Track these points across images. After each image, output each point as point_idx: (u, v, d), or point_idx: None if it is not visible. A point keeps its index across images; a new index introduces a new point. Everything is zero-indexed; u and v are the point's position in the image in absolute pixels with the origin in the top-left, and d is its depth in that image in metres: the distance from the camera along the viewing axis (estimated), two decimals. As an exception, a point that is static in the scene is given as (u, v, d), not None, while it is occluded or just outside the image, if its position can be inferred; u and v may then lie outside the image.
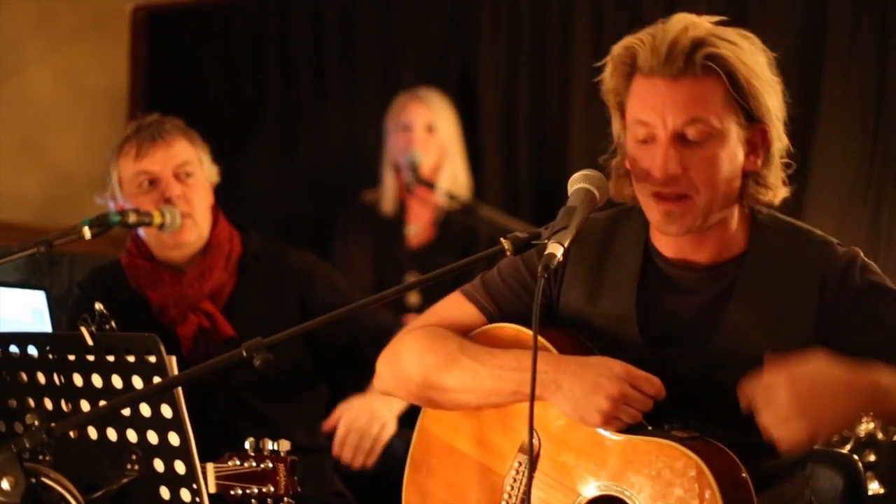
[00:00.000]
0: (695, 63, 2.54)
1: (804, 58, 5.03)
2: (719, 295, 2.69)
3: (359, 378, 4.16)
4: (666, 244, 2.73)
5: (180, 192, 3.64)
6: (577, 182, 2.59)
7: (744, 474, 2.52)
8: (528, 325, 2.69)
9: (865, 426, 4.37)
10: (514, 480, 2.75)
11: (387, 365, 2.90)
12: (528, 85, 5.74)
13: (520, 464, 2.74)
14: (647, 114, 2.59)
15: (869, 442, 4.38)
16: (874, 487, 4.35)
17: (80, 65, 6.27)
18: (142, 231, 3.71)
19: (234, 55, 6.49)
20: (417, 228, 5.40)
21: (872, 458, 4.37)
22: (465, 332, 2.85)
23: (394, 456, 4.06)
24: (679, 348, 2.69)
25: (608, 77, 2.70)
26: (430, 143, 5.33)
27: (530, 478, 2.48)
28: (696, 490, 2.48)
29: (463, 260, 2.58)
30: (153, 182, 3.66)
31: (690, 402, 2.63)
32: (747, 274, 2.68)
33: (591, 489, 2.64)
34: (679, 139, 2.57)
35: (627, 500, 2.58)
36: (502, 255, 2.51)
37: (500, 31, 5.81)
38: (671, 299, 2.73)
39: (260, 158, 6.12)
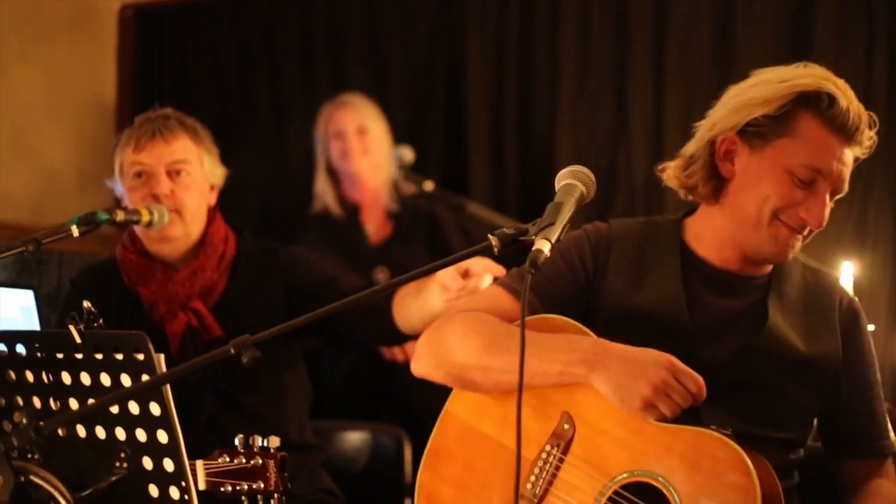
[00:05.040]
0: (858, 137, 2.79)
1: (790, 55, 5.04)
2: (758, 301, 2.88)
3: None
4: (717, 253, 2.93)
5: (168, 190, 3.64)
6: (565, 178, 2.60)
7: (776, 479, 2.61)
8: (568, 314, 2.84)
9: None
10: (545, 463, 2.76)
11: (428, 345, 2.90)
12: (516, 83, 5.74)
13: (551, 447, 2.76)
14: (825, 164, 2.77)
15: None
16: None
17: (67, 63, 6.26)
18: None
19: (222, 54, 6.49)
20: (374, 226, 5.43)
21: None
22: (498, 312, 2.88)
23: (383, 454, 4.07)
24: (724, 341, 2.83)
25: (773, 94, 2.81)
26: (367, 144, 5.38)
27: (518, 461, 2.44)
28: (733, 480, 2.53)
29: (449, 257, 2.59)
30: (145, 175, 3.67)
31: (728, 401, 2.74)
32: (776, 289, 2.91)
33: (623, 475, 2.67)
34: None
35: (660, 486, 2.62)
36: (489, 252, 2.52)
37: (487, 28, 5.82)
38: (714, 298, 2.89)
39: (247, 157, 6.11)
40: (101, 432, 2.80)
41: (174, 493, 2.73)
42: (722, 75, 5.13)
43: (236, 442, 2.94)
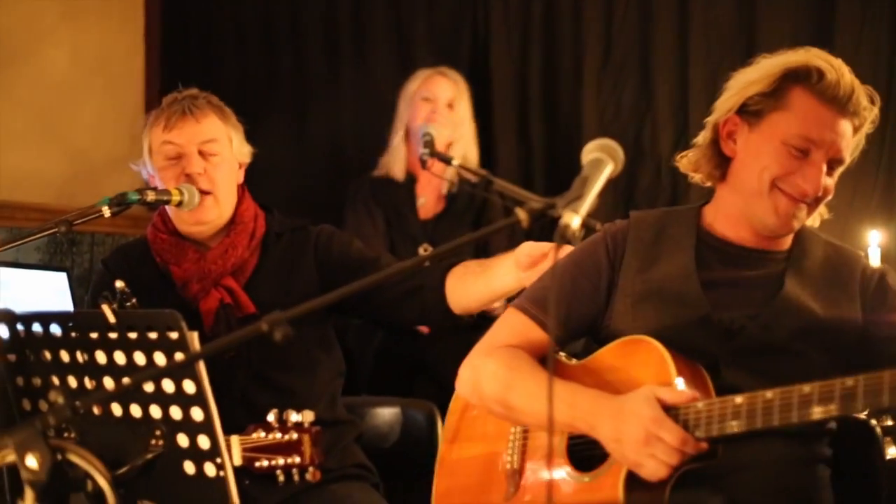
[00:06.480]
0: (850, 107, 2.88)
1: (815, 26, 5.04)
2: (775, 274, 2.97)
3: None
4: (732, 230, 3.03)
5: (202, 169, 3.66)
6: (592, 151, 2.59)
7: (702, 369, 2.81)
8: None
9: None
10: (513, 442, 3.05)
11: (471, 372, 3.08)
12: (540, 58, 5.75)
13: (514, 429, 3.06)
14: (818, 133, 2.87)
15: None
16: (892, 452, 4.36)
17: (95, 44, 6.28)
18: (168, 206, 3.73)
19: (247, 33, 6.50)
20: (427, 201, 5.42)
21: (890, 422, 4.39)
22: (529, 345, 3.03)
23: (416, 428, 4.09)
24: (738, 307, 2.92)
25: (763, 74, 2.93)
26: (449, 119, 5.36)
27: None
28: (645, 357, 2.80)
29: (479, 231, 2.61)
30: (177, 156, 3.69)
31: (748, 363, 2.85)
32: (794, 264, 2.99)
33: None
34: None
35: None
36: (518, 226, 2.53)
37: (511, 4, 5.82)
38: (728, 272, 2.99)
39: (273, 135, 6.12)
40: (136, 410, 2.82)
41: (210, 469, 2.75)
42: (746, 46, 5.13)
43: (270, 417, 2.96)
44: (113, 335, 2.80)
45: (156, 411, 2.79)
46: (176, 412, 2.76)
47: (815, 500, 2.90)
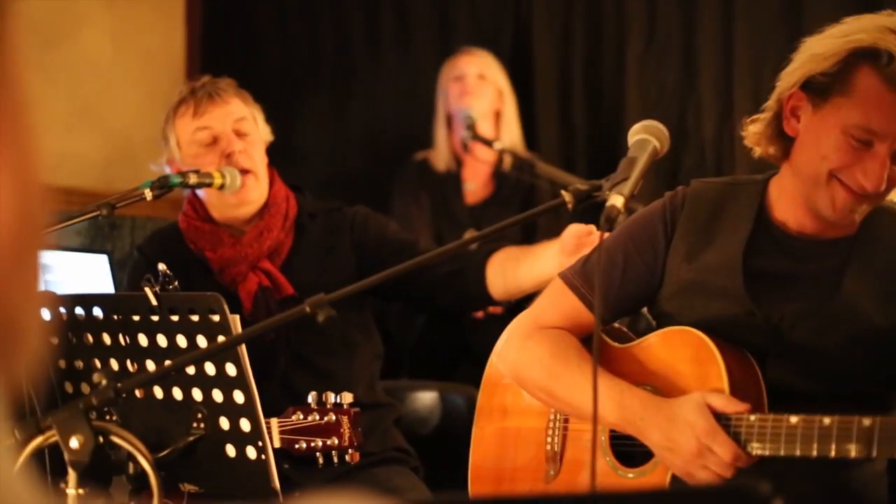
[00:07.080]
0: None
1: (861, 8, 4.99)
2: (836, 266, 2.76)
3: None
4: (792, 215, 2.80)
5: (242, 147, 3.65)
6: (638, 133, 2.57)
7: (755, 366, 2.71)
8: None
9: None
10: (554, 422, 3.00)
11: (515, 352, 3.00)
12: (583, 41, 5.72)
13: (553, 415, 2.99)
14: (881, 124, 2.59)
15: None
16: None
17: (136, 26, 6.29)
18: (202, 193, 3.72)
19: (288, 15, 6.50)
20: (475, 185, 5.41)
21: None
22: (575, 326, 2.93)
23: (456, 412, 4.08)
24: (785, 303, 2.75)
25: (829, 51, 2.66)
26: (484, 89, 5.35)
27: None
28: (694, 353, 2.72)
29: (523, 214, 2.60)
30: (213, 140, 3.68)
31: (796, 360, 2.73)
32: (860, 251, 2.75)
33: None
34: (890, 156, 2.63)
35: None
36: (563, 208, 2.51)
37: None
38: (784, 262, 2.80)
39: (314, 118, 6.13)
40: (177, 393, 2.83)
41: (251, 452, 2.76)
42: (791, 28, 5.08)
43: (309, 399, 2.96)
44: (155, 318, 2.81)
45: (197, 394, 2.80)
46: (217, 395, 2.76)
47: (870, 492, 2.85)
